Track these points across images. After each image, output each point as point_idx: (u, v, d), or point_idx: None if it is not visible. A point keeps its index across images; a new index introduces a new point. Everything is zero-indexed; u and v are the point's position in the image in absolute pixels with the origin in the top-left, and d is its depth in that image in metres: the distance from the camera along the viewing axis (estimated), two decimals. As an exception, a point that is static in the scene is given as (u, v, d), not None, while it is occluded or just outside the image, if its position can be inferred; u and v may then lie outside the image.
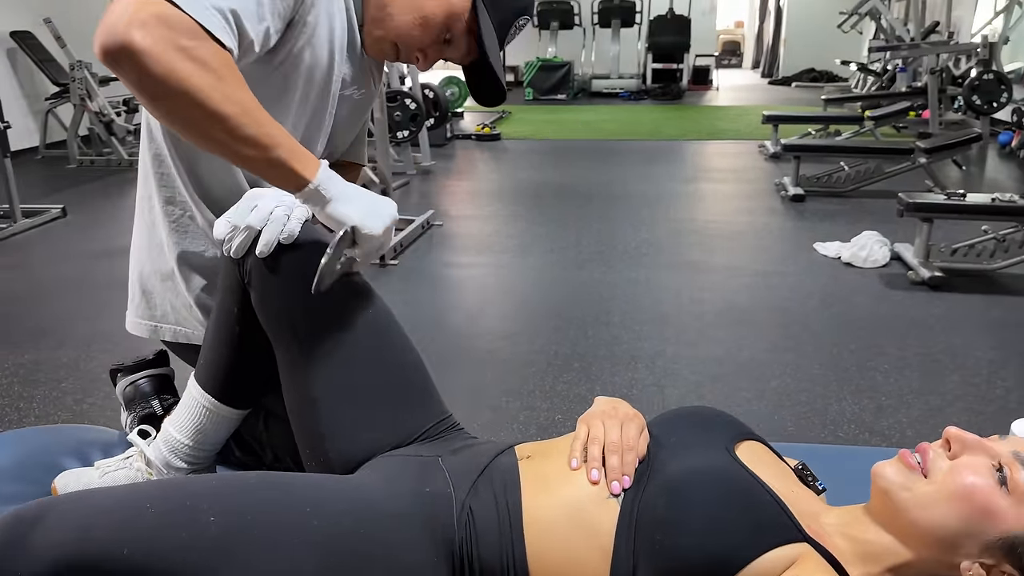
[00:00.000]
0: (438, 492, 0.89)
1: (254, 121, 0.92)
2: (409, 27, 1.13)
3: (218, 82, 0.89)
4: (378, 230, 1.00)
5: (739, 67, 16.57)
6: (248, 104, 0.93)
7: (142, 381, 1.28)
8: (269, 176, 0.97)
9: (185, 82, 0.87)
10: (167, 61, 0.87)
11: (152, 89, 0.88)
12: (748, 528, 0.80)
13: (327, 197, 0.97)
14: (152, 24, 0.86)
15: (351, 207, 0.99)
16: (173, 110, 0.90)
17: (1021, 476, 0.82)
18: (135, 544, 0.80)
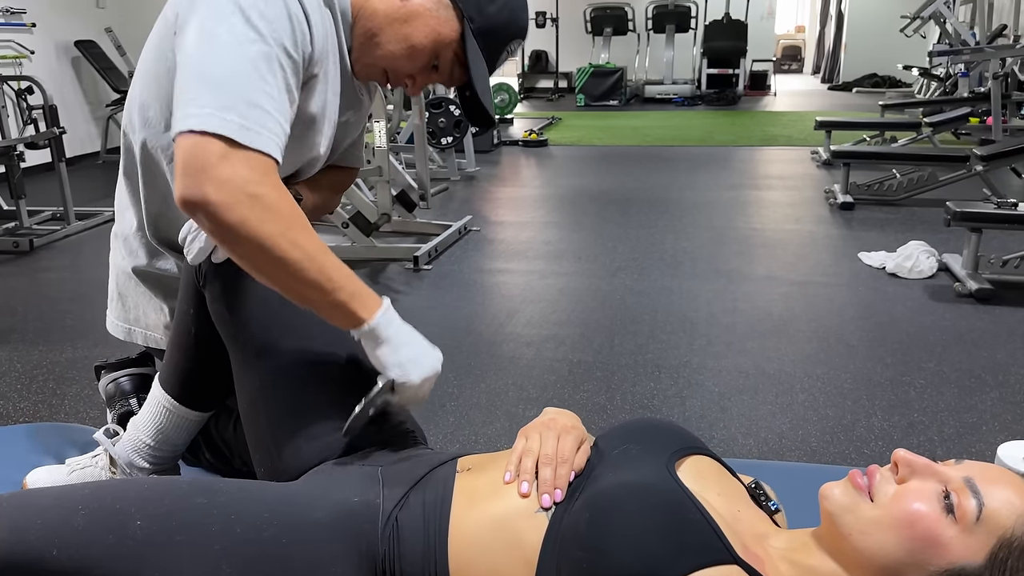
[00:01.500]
0: (368, 503, 0.87)
1: (317, 266, 0.95)
2: (397, 56, 1.13)
3: (286, 230, 0.93)
4: (415, 380, 1.01)
5: (799, 72, 16.25)
6: (311, 248, 0.95)
7: (123, 379, 1.30)
8: (325, 314, 1.00)
9: (254, 231, 0.91)
10: (239, 213, 0.91)
11: (225, 236, 0.92)
12: (670, 548, 0.76)
13: (380, 339, 1.00)
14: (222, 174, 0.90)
15: (398, 356, 1.00)
16: (243, 255, 0.94)
17: (970, 505, 0.76)
18: (64, 546, 0.80)
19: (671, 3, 11.45)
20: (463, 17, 1.11)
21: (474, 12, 1.11)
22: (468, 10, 1.11)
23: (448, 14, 1.11)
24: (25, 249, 4.21)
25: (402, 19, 1.11)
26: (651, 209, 4.99)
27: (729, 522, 0.83)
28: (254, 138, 0.93)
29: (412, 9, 1.10)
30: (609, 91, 10.91)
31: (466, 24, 1.12)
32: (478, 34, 1.12)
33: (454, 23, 1.12)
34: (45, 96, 4.80)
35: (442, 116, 5.52)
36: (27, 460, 1.11)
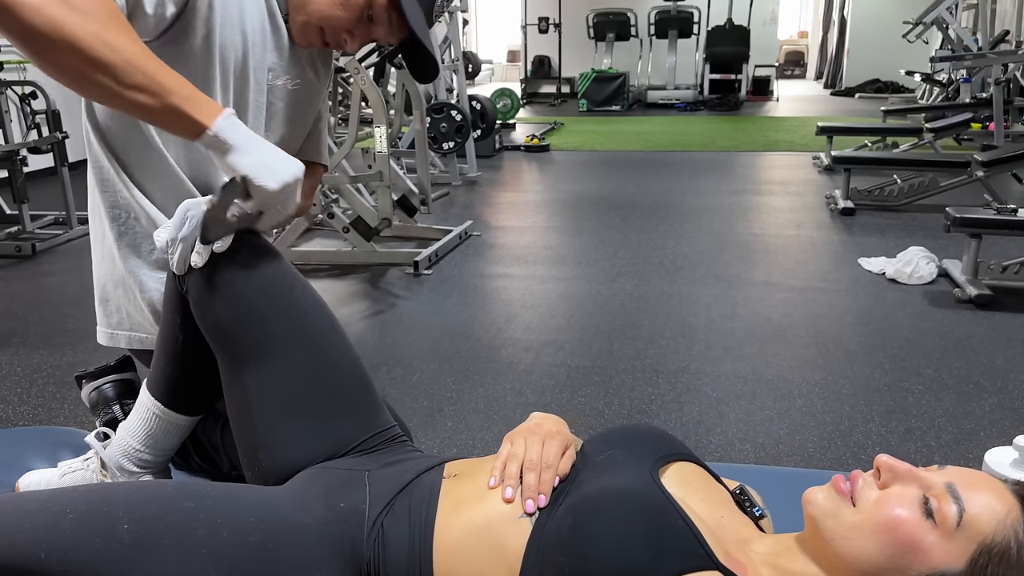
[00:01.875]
0: (353, 509, 0.88)
1: (142, 69, 0.91)
2: (330, 7, 1.12)
3: (103, 31, 0.88)
4: (272, 185, 0.96)
5: (802, 78, 16.25)
6: (135, 52, 0.91)
7: (106, 386, 1.31)
8: (167, 124, 0.95)
9: (67, 31, 0.86)
10: (48, 12, 0.85)
11: (35, 41, 0.87)
12: (652, 553, 0.77)
13: (228, 145, 0.95)
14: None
15: (248, 158, 0.96)
16: (58, 62, 0.89)
17: (951, 510, 0.77)
18: (52, 549, 0.81)
19: (674, 8, 11.47)
20: None
21: None
22: None
23: None
24: (27, 253, 4.23)
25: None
26: (652, 214, 5.00)
27: (712, 528, 0.84)
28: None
29: None
30: (611, 96, 10.92)
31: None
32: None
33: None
34: (48, 101, 4.82)
35: (444, 121, 5.54)
36: (20, 463, 1.12)
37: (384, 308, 3.42)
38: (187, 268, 1.02)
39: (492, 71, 15.67)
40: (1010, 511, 0.77)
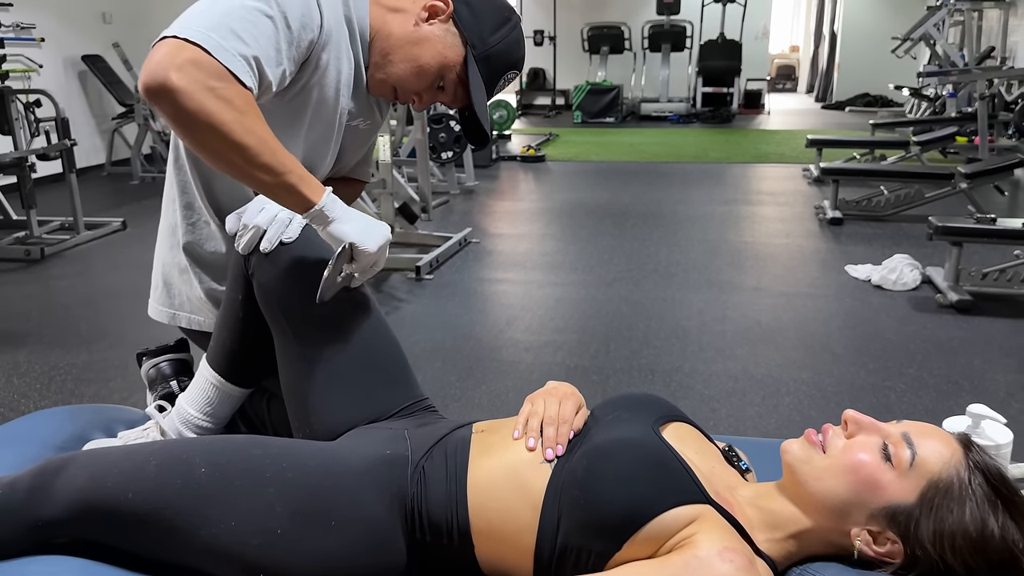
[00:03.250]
0: (398, 455, 1.01)
1: (269, 151, 1.05)
2: (406, 74, 1.25)
3: (240, 117, 1.03)
4: (372, 247, 1.12)
5: (794, 91, 16.46)
6: (265, 136, 1.06)
7: (163, 364, 1.43)
8: (281, 198, 1.10)
9: (212, 117, 1.01)
10: (198, 99, 1.00)
11: (185, 122, 1.02)
12: (655, 488, 0.90)
13: (330, 218, 1.10)
14: (187, 67, 1.00)
15: (349, 227, 1.11)
16: (201, 141, 1.04)
17: (905, 454, 0.90)
18: (138, 490, 0.94)
19: (667, 23, 11.65)
20: (467, 44, 1.25)
21: (477, 40, 1.24)
22: (472, 38, 1.24)
23: (454, 40, 1.24)
24: (36, 257, 4.32)
25: (414, 42, 1.24)
26: (646, 223, 5.13)
27: (705, 474, 0.96)
28: (228, 58, 1.03)
29: (423, 34, 1.24)
30: (606, 108, 11.08)
31: (469, 51, 1.25)
32: (479, 60, 1.25)
33: (459, 49, 1.25)
34: (57, 109, 4.92)
35: (443, 131, 5.66)
36: (79, 436, 1.23)
37: (388, 311, 3.53)
38: (252, 250, 1.15)
39: (487, 83, 15.86)
40: (954, 454, 0.91)
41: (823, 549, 0.94)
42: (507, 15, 1.29)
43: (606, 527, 0.89)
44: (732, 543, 0.87)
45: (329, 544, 0.93)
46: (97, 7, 7.21)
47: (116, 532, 0.96)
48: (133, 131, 6.88)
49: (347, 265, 1.13)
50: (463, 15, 1.24)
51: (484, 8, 1.26)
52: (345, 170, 1.46)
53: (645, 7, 12.39)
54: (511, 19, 1.29)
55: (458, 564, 0.97)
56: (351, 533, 0.94)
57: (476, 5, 1.26)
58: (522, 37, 1.32)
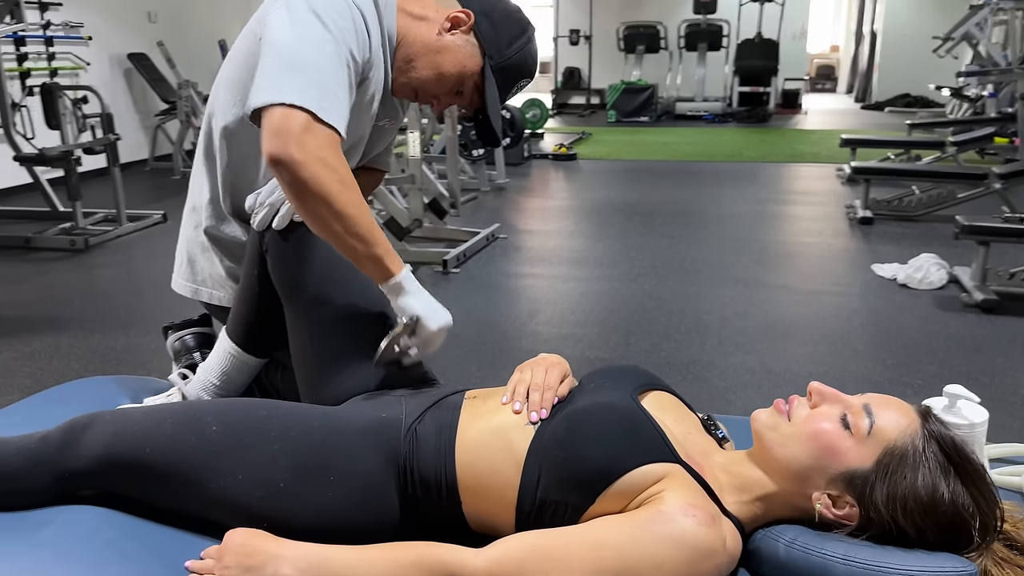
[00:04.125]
0: (393, 417, 1.08)
1: (365, 224, 1.16)
2: (428, 80, 1.35)
3: (345, 190, 1.14)
4: (434, 326, 1.21)
5: (833, 91, 16.28)
6: (363, 209, 1.17)
7: (188, 336, 1.52)
8: (365, 267, 1.20)
9: (325, 189, 1.12)
10: (315, 173, 1.12)
11: (301, 192, 1.13)
12: (627, 447, 0.96)
13: (405, 290, 1.21)
14: (304, 139, 1.12)
15: (418, 302, 1.21)
16: (312, 207, 1.14)
17: (863, 423, 0.95)
18: (156, 445, 1.03)
19: (703, 22, 11.61)
20: (485, 54, 1.34)
21: (494, 52, 1.34)
22: (490, 49, 1.34)
23: (474, 51, 1.33)
24: (81, 248, 4.49)
25: (436, 50, 1.33)
26: (674, 221, 5.15)
27: (679, 438, 1.02)
28: (329, 115, 1.15)
29: (445, 43, 1.33)
30: (640, 107, 11.08)
31: (487, 61, 1.34)
32: (495, 70, 1.34)
33: (478, 58, 1.34)
34: (103, 105, 5.10)
35: (474, 130, 5.73)
36: (110, 402, 1.32)
37: (414, 302, 3.61)
38: (267, 227, 1.23)
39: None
40: (911, 423, 0.96)
41: (788, 512, 0.99)
42: (523, 28, 1.38)
43: (582, 482, 0.95)
44: (697, 500, 0.92)
45: (327, 498, 1.00)
46: (143, 6, 7.42)
47: (136, 484, 1.04)
48: (175, 127, 7.08)
49: (406, 338, 1.21)
50: (483, 27, 1.34)
51: (503, 21, 1.35)
52: (366, 160, 1.54)
53: (682, 6, 12.36)
54: (527, 32, 1.38)
55: (448, 519, 1.03)
56: (348, 488, 1.01)
57: (496, 18, 1.35)
58: (536, 48, 1.41)
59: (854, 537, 0.93)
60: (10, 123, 5.12)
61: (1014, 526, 0.95)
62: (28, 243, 4.57)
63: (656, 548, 0.88)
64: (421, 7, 1.35)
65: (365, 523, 1.01)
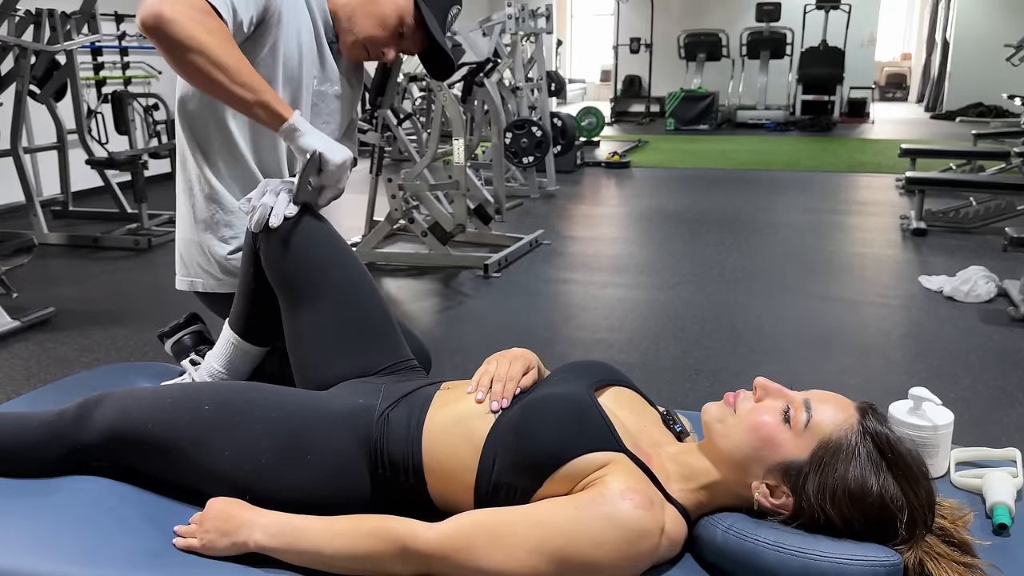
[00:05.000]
0: (368, 404, 1.16)
1: (247, 71, 1.28)
2: (372, 29, 1.49)
3: (222, 43, 1.25)
4: (336, 159, 1.32)
5: (904, 100, 15.87)
6: (242, 60, 1.29)
7: (184, 338, 1.63)
8: (257, 115, 1.31)
9: (198, 40, 1.23)
10: (187, 26, 1.23)
11: (176, 48, 1.23)
12: (575, 435, 1.02)
13: (300, 132, 1.31)
14: (176, 3, 1.23)
15: (316, 140, 1.32)
16: (190, 63, 1.25)
17: (802, 416, 0.99)
18: (156, 422, 1.13)
19: (766, 30, 11.48)
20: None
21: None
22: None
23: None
24: (144, 247, 4.72)
25: (370, 1, 1.48)
26: (722, 229, 5.13)
27: (631, 430, 1.07)
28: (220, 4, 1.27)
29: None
30: (700, 115, 11.01)
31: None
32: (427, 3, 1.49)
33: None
34: (168, 112, 5.35)
35: (525, 136, 5.82)
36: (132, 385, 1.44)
37: (453, 305, 3.71)
38: (262, 227, 1.32)
39: (584, 90, 15.95)
40: (848, 419, 0.99)
41: (730, 501, 1.03)
42: None
43: (530, 466, 1.02)
44: (637, 485, 0.97)
45: (304, 475, 1.09)
46: (212, 18, 7.72)
47: (138, 456, 1.15)
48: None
49: (315, 177, 1.31)
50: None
51: None
52: None
53: (744, 14, 12.24)
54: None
55: (415, 498, 1.10)
56: (323, 467, 1.10)
57: None
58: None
59: (787, 525, 0.97)
60: (84, 129, 5.42)
61: (954, 523, 0.97)
62: (96, 242, 4.82)
63: (594, 527, 0.93)
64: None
65: (338, 499, 1.09)
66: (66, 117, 5.48)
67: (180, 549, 1.03)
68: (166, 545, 1.03)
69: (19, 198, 4.97)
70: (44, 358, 3.04)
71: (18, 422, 1.21)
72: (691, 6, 13.27)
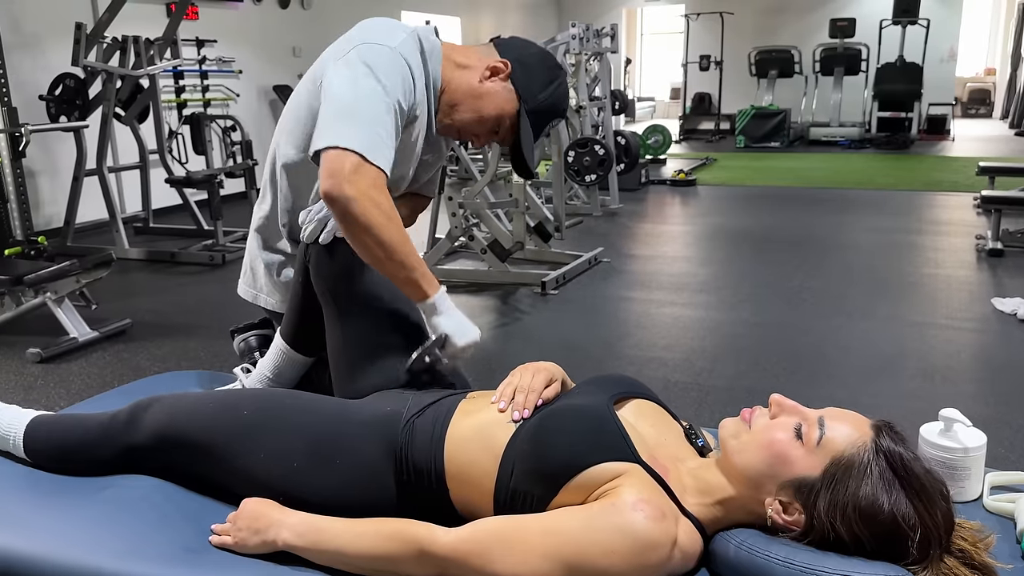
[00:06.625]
0: (395, 412, 1.21)
1: (405, 251, 1.33)
2: (470, 121, 1.53)
3: (388, 223, 1.32)
4: (461, 342, 1.37)
5: (988, 117, 15.28)
6: (403, 237, 1.34)
7: (251, 338, 1.71)
8: (404, 287, 1.36)
9: (371, 220, 1.30)
10: (364, 208, 1.30)
11: (351, 223, 1.31)
12: (589, 445, 1.04)
13: (438, 311, 1.37)
14: (354, 178, 1.30)
15: (448, 321, 1.37)
16: (358, 236, 1.32)
17: (815, 433, 0.99)
18: (199, 426, 1.21)
19: (840, 46, 11.24)
20: (520, 99, 1.50)
21: (528, 96, 1.51)
22: (524, 94, 1.51)
23: (510, 95, 1.50)
24: (218, 263, 4.91)
25: (477, 95, 1.50)
26: (787, 248, 5.05)
27: (649, 443, 1.08)
28: (377, 157, 1.33)
29: (485, 89, 1.50)
30: (771, 133, 10.84)
31: (522, 104, 1.50)
32: (529, 112, 1.52)
33: (514, 102, 1.51)
34: (243, 133, 5.56)
35: (587, 155, 5.83)
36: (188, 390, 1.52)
37: (509, 321, 3.75)
38: (313, 240, 1.40)
39: (654, 108, 15.88)
40: (861, 436, 0.98)
41: (745, 517, 1.03)
42: (555, 75, 1.54)
43: (546, 474, 1.04)
44: (650, 497, 0.98)
45: (333, 478, 1.14)
46: (288, 41, 8.02)
47: (183, 457, 1.22)
48: (312, 153, 7.56)
49: (436, 351, 1.36)
50: (518, 75, 1.51)
51: (536, 70, 1.52)
52: (414, 187, 1.71)
53: (817, 30, 12.04)
54: (558, 78, 1.54)
55: (439, 504, 1.14)
56: (351, 471, 1.15)
57: (530, 67, 1.52)
58: (567, 92, 1.57)
59: (798, 542, 0.97)
60: (165, 149, 5.68)
61: (974, 545, 0.95)
62: (173, 258, 5.04)
63: (605, 537, 0.95)
64: (464, 57, 1.53)
65: (366, 503, 1.13)
66: (148, 138, 5.77)
67: (215, 546, 1.10)
68: (203, 542, 1.10)
69: (104, 215, 5.23)
70: (119, 367, 3.20)
71: (78, 424, 1.30)
72: (762, 23, 13.10)
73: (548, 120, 1.56)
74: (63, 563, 1.03)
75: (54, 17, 5.62)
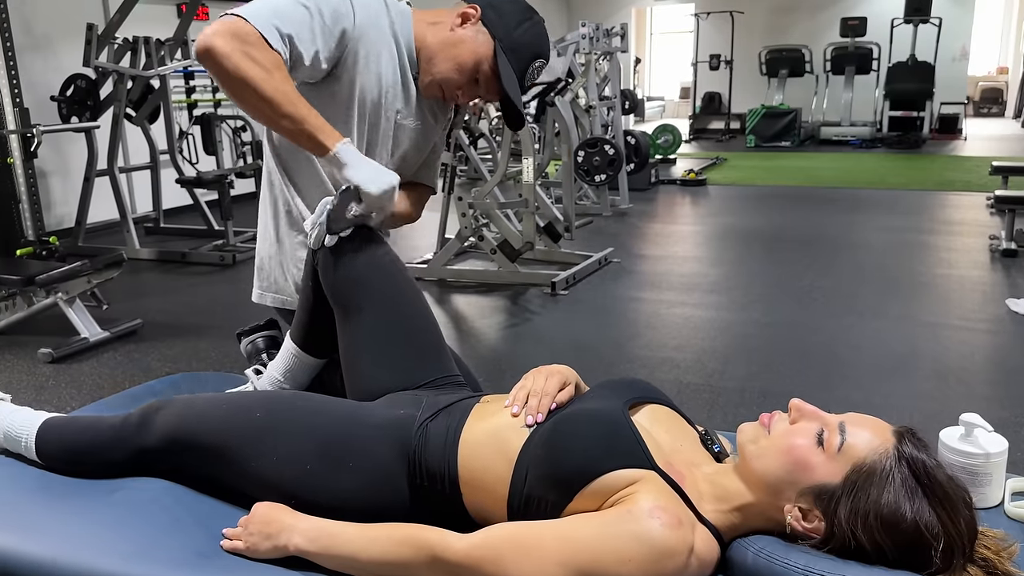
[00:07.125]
0: (409, 415, 1.20)
1: (290, 103, 1.32)
2: (449, 71, 1.50)
3: (268, 76, 1.30)
4: (375, 191, 1.34)
5: (1001, 116, 15.17)
6: (289, 92, 1.32)
7: (258, 340, 1.70)
8: (303, 144, 1.35)
9: (245, 74, 1.29)
10: (235, 60, 1.28)
11: (225, 80, 1.30)
12: (604, 451, 1.02)
13: (343, 162, 1.34)
14: (228, 35, 1.29)
15: (356, 171, 1.34)
16: (239, 94, 1.31)
17: (835, 440, 0.97)
18: (210, 428, 1.20)
19: (851, 45, 11.18)
20: (495, 38, 1.48)
21: (503, 35, 1.48)
22: (498, 33, 1.48)
23: (485, 38, 1.48)
24: (229, 263, 4.92)
25: (452, 44, 1.49)
26: (798, 248, 5.02)
27: (664, 449, 1.07)
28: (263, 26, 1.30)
29: (458, 36, 1.49)
30: (781, 132, 10.79)
31: (497, 43, 1.48)
32: (507, 51, 1.48)
33: (489, 44, 1.48)
34: (253, 133, 5.57)
35: (597, 155, 5.81)
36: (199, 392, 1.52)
37: (519, 322, 3.74)
38: (320, 245, 1.38)
39: (663, 107, 15.83)
40: (883, 443, 0.96)
41: (763, 524, 1.02)
42: (529, 14, 1.52)
43: (560, 480, 1.02)
44: (666, 504, 0.96)
45: (346, 482, 1.13)
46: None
47: (194, 460, 1.21)
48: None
49: (355, 206, 1.34)
50: (489, 16, 1.49)
51: (508, 9, 1.50)
52: (410, 173, 1.67)
53: (828, 29, 11.98)
54: (532, 17, 1.52)
55: (453, 509, 1.12)
56: (363, 474, 1.13)
57: (500, 7, 1.50)
58: (545, 33, 1.54)
59: (818, 549, 0.95)
60: (175, 149, 5.69)
61: (997, 554, 0.93)
62: (184, 258, 5.05)
63: (621, 544, 0.93)
64: (434, 15, 1.53)
65: (378, 507, 1.12)
66: (159, 138, 5.78)
67: (226, 550, 1.09)
68: (213, 546, 1.09)
69: (115, 215, 5.25)
70: (129, 367, 3.20)
71: (89, 426, 1.30)
72: (773, 22, 13.05)
73: (529, 60, 1.52)
74: (73, 565, 1.03)
75: (65, 18, 5.63)
